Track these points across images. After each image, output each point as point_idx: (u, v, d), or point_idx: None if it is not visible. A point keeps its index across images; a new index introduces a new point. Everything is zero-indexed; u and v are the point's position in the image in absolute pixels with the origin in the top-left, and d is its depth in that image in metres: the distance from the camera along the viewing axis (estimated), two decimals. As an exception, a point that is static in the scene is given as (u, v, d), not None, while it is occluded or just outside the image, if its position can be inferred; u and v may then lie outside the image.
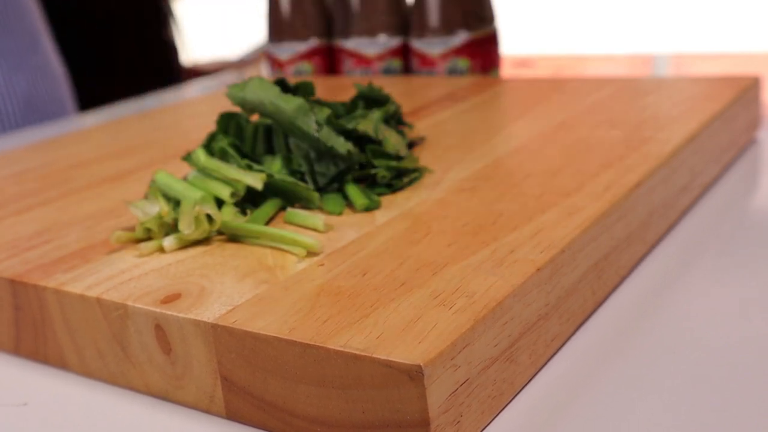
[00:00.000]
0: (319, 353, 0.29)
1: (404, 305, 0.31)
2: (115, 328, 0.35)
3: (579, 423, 0.31)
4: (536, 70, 1.02)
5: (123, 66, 1.87)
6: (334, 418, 0.30)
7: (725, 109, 0.54)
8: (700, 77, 0.62)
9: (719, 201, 0.50)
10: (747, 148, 0.59)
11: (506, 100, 0.64)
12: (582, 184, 0.42)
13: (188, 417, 0.34)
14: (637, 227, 0.42)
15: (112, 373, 0.36)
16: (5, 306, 0.39)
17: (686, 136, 0.48)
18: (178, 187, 0.42)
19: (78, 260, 0.40)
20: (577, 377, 0.34)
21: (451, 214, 0.40)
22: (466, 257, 0.35)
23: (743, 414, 0.30)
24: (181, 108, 0.77)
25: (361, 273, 0.35)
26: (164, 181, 0.43)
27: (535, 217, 0.39)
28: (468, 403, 0.30)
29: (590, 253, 0.37)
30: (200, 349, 0.33)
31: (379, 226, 0.40)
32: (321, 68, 0.84)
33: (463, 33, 0.74)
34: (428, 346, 0.28)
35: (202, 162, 0.43)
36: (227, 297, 0.34)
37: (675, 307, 0.38)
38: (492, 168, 0.47)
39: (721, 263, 0.43)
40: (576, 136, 0.51)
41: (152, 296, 0.35)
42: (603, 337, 0.37)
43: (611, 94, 0.61)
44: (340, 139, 0.44)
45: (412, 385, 0.28)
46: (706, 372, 0.33)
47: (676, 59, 0.96)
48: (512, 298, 0.32)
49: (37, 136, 0.82)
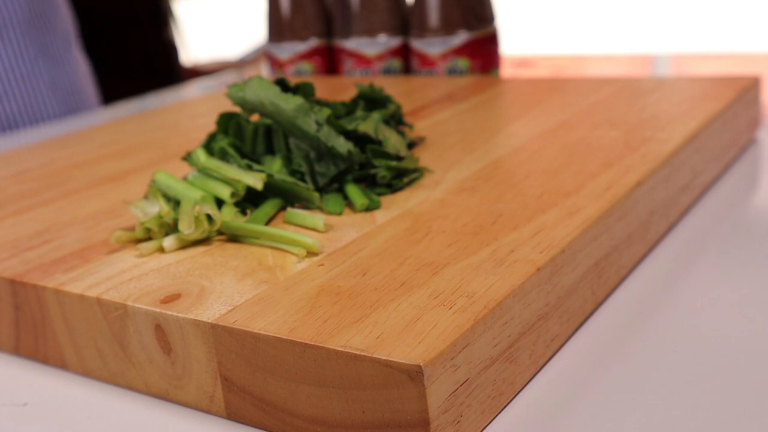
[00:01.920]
0: (319, 353, 0.29)
1: (404, 305, 0.31)
2: (115, 328, 0.35)
3: (579, 423, 0.31)
4: (536, 70, 1.02)
5: (123, 66, 1.87)
6: (334, 418, 0.30)
7: (725, 109, 0.54)
8: (700, 77, 0.62)
9: (719, 201, 0.50)
10: (747, 148, 0.59)
11: (506, 100, 0.64)
12: (582, 184, 0.42)
13: (188, 417, 0.34)
14: (637, 227, 0.42)
15: (112, 373, 0.36)
16: (5, 306, 0.39)
17: (686, 136, 0.48)
18: (178, 187, 0.42)
19: (78, 260, 0.40)
20: (577, 377, 0.34)
21: (451, 214, 0.40)
22: (466, 257, 0.35)
23: (744, 413, 0.30)
24: (181, 108, 0.77)
25: (361, 273, 0.35)
26: (164, 181, 0.43)
27: (535, 217, 0.39)
28: (468, 403, 0.30)
29: (590, 253, 0.37)
30: (200, 349, 0.33)
31: (379, 226, 0.40)
32: (321, 68, 0.84)
33: (463, 33, 0.74)
34: (428, 346, 0.28)
35: (202, 162, 0.43)
36: (227, 297, 0.34)
37: (675, 307, 0.38)
38: (492, 168, 0.47)
39: (722, 263, 0.43)
40: (576, 136, 0.51)
41: (152, 296, 0.35)
42: (603, 337, 0.37)
43: (611, 94, 0.61)
44: (340, 139, 0.44)
45: (412, 385, 0.28)
46: (706, 372, 0.33)
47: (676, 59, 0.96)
48: (512, 298, 0.32)
49: (36, 137, 0.82)
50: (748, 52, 0.93)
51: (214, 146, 0.46)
